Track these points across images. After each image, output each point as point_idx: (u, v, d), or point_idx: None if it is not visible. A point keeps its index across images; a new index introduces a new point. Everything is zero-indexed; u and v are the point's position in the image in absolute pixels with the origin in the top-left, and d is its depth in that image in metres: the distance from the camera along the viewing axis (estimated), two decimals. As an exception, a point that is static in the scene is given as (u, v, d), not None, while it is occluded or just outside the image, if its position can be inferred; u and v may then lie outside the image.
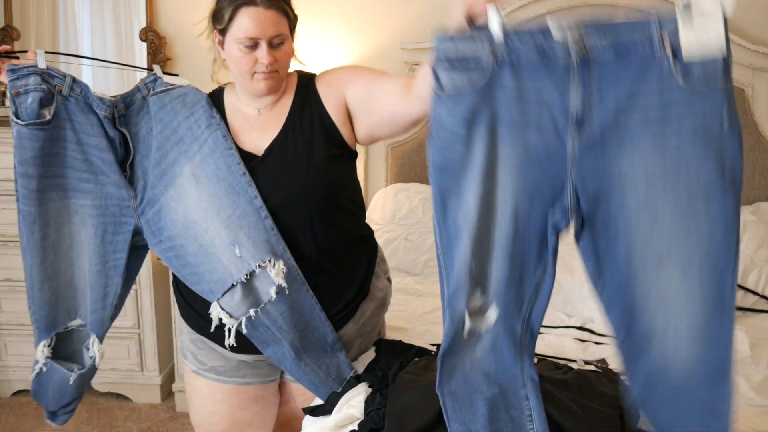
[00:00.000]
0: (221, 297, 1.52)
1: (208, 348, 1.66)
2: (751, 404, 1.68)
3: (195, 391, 1.72)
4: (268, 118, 1.58)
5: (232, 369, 1.66)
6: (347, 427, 1.44)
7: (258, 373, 1.67)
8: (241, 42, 1.48)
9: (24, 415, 2.80)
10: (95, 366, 1.71)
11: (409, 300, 2.26)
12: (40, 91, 1.48)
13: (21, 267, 2.74)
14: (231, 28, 1.48)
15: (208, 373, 1.67)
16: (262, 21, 1.46)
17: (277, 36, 1.49)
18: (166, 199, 1.54)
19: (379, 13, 2.92)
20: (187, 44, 3.00)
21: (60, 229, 1.59)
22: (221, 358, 1.65)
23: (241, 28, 1.47)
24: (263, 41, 1.47)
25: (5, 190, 2.70)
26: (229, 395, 1.67)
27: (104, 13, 3.02)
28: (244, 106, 1.59)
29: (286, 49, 1.52)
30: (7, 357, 2.88)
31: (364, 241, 1.68)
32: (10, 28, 2.97)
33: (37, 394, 1.71)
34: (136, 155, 1.57)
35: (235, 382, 1.67)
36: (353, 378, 1.60)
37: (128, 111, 1.57)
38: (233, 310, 1.52)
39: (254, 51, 1.48)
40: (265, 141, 1.56)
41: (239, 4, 1.46)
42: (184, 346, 1.72)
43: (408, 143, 2.86)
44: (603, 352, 1.91)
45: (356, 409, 1.46)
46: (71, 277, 1.62)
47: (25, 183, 1.52)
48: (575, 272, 2.31)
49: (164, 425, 2.75)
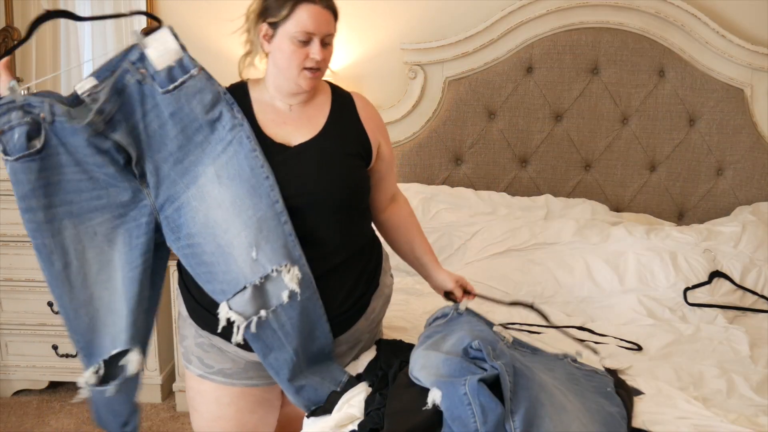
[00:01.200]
0: (231, 297, 1.52)
1: (215, 350, 1.65)
2: (751, 404, 1.69)
3: (200, 396, 1.70)
4: (301, 115, 1.62)
5: (240, 371, 1.65)
6: (347, 426, 1.44)
7: (264, 374, 1.65)
8: (297, 36, 1.52)
9: (24, 415, 2.80)
10: (133, 375, 1.61)
11: (409, 300, 2.27)
12: (25, 124, 1.42)
13: (21, 267, 2.76)
14: (287, 23, 1.52)
15: (215, 377, 1.66)
16: (319, 18, 1.53)
17: (329, 35, 1.56)
18: (187, 197, 1.52)
19: (379, 13, 2.92)
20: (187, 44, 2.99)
21: (83, 255, 1.53)
22: (229, 361, 1.65)
23: (299, 23, 1.51)
24: (317, 38, 1.53)
25: (5, 190, 2.70)
26: (237, 398, 1.67)
27: (104, 13, 3.01)
28: (275, 101, 1.63)
29: (331, 50, 1.59)
30: (8, 357, 2.88)
31: (373, 240, 1.73)
32: (10, 28, 2.97)
33: (97, 420, 1.67)
34: (145, 151, 1.51)
35: (243, 385, 1.66)
36: (353, 377, 1.60)
37: (121, 102, 1.47)
38: (242, 310, 1.52)
39: (306, 47, 1.54)
40: (299, 136, 1.59)
41: (300, 0, 1.52)
42: (189, 351, 1.69)
43: (408, 143, 2.86)
44: (603, 352, 1.91)
45: (356, 409, 1.46)
46: (109, 301, 1.56)
47: (31, 217, 1.48)
48: (575, 272, 2.32)
49: (164, 425, 2.75)
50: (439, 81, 2.84)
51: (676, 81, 2.76)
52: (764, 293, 2.30)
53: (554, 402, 1.33)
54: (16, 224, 2.74)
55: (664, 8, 2.72)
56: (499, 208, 2.64)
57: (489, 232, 2.47)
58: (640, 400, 1.54)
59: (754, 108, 2.77)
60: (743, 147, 2.76)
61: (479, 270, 2.37)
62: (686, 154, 2.80)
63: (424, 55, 2.83)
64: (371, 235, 1.73)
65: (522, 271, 2.34)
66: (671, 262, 2.29)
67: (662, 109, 2.78)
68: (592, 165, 2.84)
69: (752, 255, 2.35)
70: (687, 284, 2.25)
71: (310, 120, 1.62)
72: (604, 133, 2.81)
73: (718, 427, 1.45)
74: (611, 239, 2.41)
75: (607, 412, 1.40)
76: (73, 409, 2.83)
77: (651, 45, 2.75)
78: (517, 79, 2.79)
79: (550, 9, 2.74)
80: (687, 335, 2.09)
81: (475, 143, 2.82)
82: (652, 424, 1.44)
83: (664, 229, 2.47)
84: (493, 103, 2.81)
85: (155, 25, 1.57)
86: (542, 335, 2.04)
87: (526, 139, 2.82)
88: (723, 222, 2.63)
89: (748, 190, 2.78)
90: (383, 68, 2.95)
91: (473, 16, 2.85)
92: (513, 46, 2.79)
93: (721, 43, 2.72)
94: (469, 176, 2.84)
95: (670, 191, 2.83)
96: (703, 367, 1.87)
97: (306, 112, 1.63)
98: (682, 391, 1.67)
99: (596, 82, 2.78)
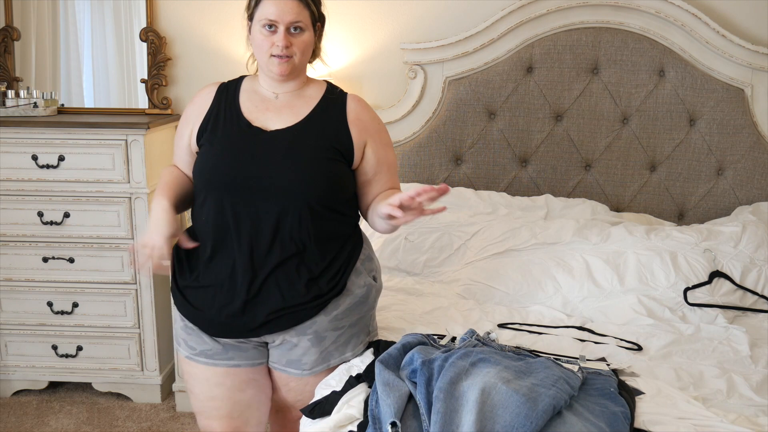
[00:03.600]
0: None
1: (195, 333, 1.71)
2: (751, 404, 1.68)
3: (193, 379, 1.77)
4: (285, 104, 1.72)
5: (220, 352, 1.71)
6: (346, 427, 1.44)
7: (245, 355, 1.72)
8: (262, 24, 1.64)
9: (24, 415, 2.80)
10: None
11: (409, 300, 2.26)
12: None
13: (21, 267, 2.77)
14: (256, 13, 1.66)
15: (199, 357, 1.73)
16: (282, 7, 1.62)
17: (296, 23, 1.64)
18: None
19: (379, 13, 2.92)
20: (187, 44, 3.01)
21: None
22: (209, 342, 1.71)
23: (263, 12, 1.64)
24: (281, 25, 1.63)
25: (5, 190, 2.70)
26: (223, 378, 1.72)
27: (104, 13, 3.02)
28: (262, 90, 1.74)
29: (304, 39, 1.67)
30: (7, 357, 2.88)
31: (345, 239, 1.74)
32: (10, 28, 2.97)
33: None
34: None
35: (225, 365, 1.72)
36: (353, 378, 1.60)
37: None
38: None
39: (273, 35, 1.64)
40: (277, 123, 1.69)
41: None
42: (177, 333, 1.79)
43: (408, 143, 2.86)
44: (602, 352, 1.91)
45: (356, 410, 1.46)
46: None
47: None
48: (575, 272, 2.32)
49: (164, 425, 2.75)
50: (439, 81, 2.83)
51: (677, 81, 2.76)
52: (764, 293, 2.29)
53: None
54: (16, 224, 2.75)
55: (665, 8, 2.71)
56: (499, 208, 2.64)
57: (489, 232, 2.47)
58: (640, 401, 1.54)
59: (754, 108, 2.76)
60: (743, 147, 2.76)
61: (479, 270, 2.37)
62: (686, 153, 2.80)
63: (424, 54, 2.83)
64: (343, 233, 1.73)
65: (522, 271, 2.34)
66: (671, 262, 2.28)
67: (662, 109, 2.77)
68: (592, 165, 2.84)
69: (752, 255, 2.35)
70: (687, 284, 2.25)
71: (293, 110, 1.71)
72: (604, 132, 2.81)
73: (718, 427, 1.45)
74: (611, 239, 2.41)
75: (611, 413, 1.40)
76: (72, 410, 2.83)
77: (651, 45, 2.74)
78: (517, 78, 2.79)
79: (550, 9, 2.74)
80: (687, 335, 2.08)
81: (475, 143, 2.82)
82: (653, 425, 1.44)
83: (664, 229, 2.47)
84: (493, 103, 2.81)
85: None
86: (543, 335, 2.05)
87: (526, 139, 2.82)
88: (723, 222, 2.62)
89: (748, 189, 2.78)
90: (383, 68, 2.95)
91: (473, 16, 2.85)
92: (513, 45, 2.79)
93: (722, 43, 2.72)
94: (469, 176, 2.84)
95: (671, 191, 2.82)
96: (703, 367, 1.86)
97: (291, 102, 1.73)
98: (682, 391, 1.67)
99: (596, 82, 2.78)
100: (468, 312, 2.20)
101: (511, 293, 2.31)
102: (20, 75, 3.02)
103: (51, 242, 2.75)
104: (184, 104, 3.05)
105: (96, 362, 2.87)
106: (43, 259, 2.76)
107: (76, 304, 2.81)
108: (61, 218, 2.72)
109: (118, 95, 3.07)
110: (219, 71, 2.97)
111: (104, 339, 2.85)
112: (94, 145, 2.68)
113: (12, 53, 3.00)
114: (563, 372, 1.47)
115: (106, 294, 2.80)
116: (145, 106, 3.01)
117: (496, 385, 1.35)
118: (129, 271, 2.77)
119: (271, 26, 1.63)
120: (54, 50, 3.04)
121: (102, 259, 2.77)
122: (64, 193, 2.71)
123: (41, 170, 2.69)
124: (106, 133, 2.67)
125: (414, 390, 1.42)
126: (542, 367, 1.48)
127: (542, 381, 1.41)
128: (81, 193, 2.71)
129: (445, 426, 1.29)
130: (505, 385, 1.35)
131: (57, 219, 2.72)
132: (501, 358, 1.50)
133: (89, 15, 3.03)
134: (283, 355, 1.72)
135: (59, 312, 2.82)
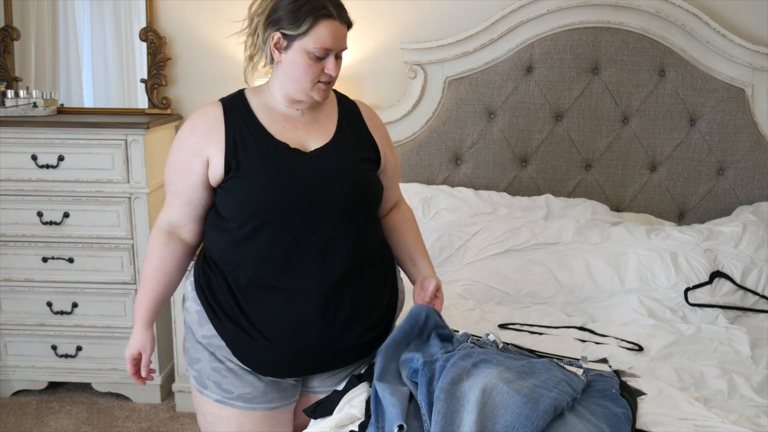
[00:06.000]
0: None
1: (233, 375, 1.60)
2: (751, 404, 1.69)
3: (221, 422, 1.63)
4: (311, 121, 1.63)
5: (260, 395, 1.61)
6: (348, 426, 1.44)
7: (283, 395, 1.64)
8: (314, 52, 1.52)
9: (24, 415, 2.79)
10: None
11: (409, 300, 2.26)
12: None
13: (21, 267, 2.77)
14: (305, 38, 1.51)
15: (235, 402, 1.60)
16: (338, 34, 1.53)
17: (344, 50, 1.57)
18: None
19: (379, 13, 2.92)
20: (186, 44, 3.00)
21: None
22: (248, 385, 1.60)
23: (319, 40, 1.51)
24: (333, 53, 1.54)
25: (5, 190, 2.70)
26: (260, 422, 1.62)
27: (104, 13, 3.02)
28: (282, 107, 1.62)
29: (341, 62, 1.60)
30: (7, 357, 2.88)
31: (383, 244, 1.73)
32: (10, 28, 2.97)
33: None
34: None
35: (264, 408, 1.62)
36: (354, 377, 1.60)
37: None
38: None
39: (321, 61, 1.53)
40: (313, 141, 1.60)
41: (321, 15, 1.50)
42: (203, 375, 1.62)
43: (408, 143, 2.86)
44: (603, 352, 1.91)
45: (357, 410, 1.46)
46: None
47: None
48: (575, 272, 2.31)
49: (164, 425, 2.74)
50: (439, 81, 2.83)
51: (677, 81, 2.75)
52: (765, 293, 2.29)
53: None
54: (16, 224, 2.75)
55: (665, 8, 2.71)
56: (499, 208, 2.64)
57: (489, 232, 2.46)
58: (641, 401, 1.54)
59: (754, 108, 2.76)
60: (744, 147, 2.76)
61: (479, 270, 2.37)
62: (687, 153, 2.79)
63: (424, 54, 2.82)
64: (382, 242, 1.73)
65: (522, 271, 2.34)
66: (672, 262, 2.28)
67: (663, 109, 2.77)
68: (592, 165, 2.84)
69: (753, 255, 2.35)
70: (688, 284, 2.25)
71: (320, 125, 1.63)
72: (604, 132, 2.80)
73: (720, 428, 1.45)
74: (612, 239, 2.40)
75: (612, 414, 1.40)
76: (72, 410, 2.83)
77: (651, 44, 2.74)
78: (518, 78, 2.78)
79: (550, 9, 2.74)
80: (688, 335, 2.08)
81: (475, 143, 2.82)
82: (654, 425, 1.44)
83: (665, 229, 2.47)
84: (493, 103, 2.80)
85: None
86: (543, 336, 2.04)
87: (526, 138, 2.81)
88: (724, 222, 2.62)
89: (748, 189, 2.78)
90: (383, 68, 2.95)
91: (473, 16, 2.85)
92: (513, 45, 2.79)
93: (722, 43, 2.72)
94: (469, 176, 2.84)
95: (671, 191, 2.82)
96: (704, 368, 1.86)
97: (316, 117, 1.64)
98: (683, 391, 1.67)
99: (597, 82, 2.78)
100: (468, 312, 2.19)
101: (512, 293, 2.30)
102: (20, 75, 3.01)
103: (51, 242, 2.75)
104: (184, 104, 3.05)
105: (96, 362, 2.86)
106: (42, 259, 2.76)
107: (75, 304, 2.81)
108: (60, 218, 2.72)
109: (117, 95, 3.07)
110: (219, 71, 2.97)
111: (104, 339, 2.84)
112: (94, 145, 2.68)
113: (12, 53, 2.99)
114: (565, 374, 1.47)
115: (106, 294, 2.80)
116: (145, 106, 3.00)
117: (497, 386, 1.34)
118: (129, 271, 2.77)
119: (324, 55, 1.53)
120: (54, 50, 3.04)
121: (102, 259, 2.76)
122: (63, 193, 2.71)
123: (41, 170, 2.69)
124: (105, 133, 2.67)
125: (415, 390, 1.42)
126: (544, 368, 1.48)
127: (544, 382, 1.41)
128: (81, 193, 2.71)
129: (446, 426, 1.29)
130: (507, 385, 1.35)
131: (57, 219, 2.72)
132: (503, 359, 1.50)
133: (89, 15, 3.03)
134: (329, 380, 1.66)
135: (59, 312, 2.81)
